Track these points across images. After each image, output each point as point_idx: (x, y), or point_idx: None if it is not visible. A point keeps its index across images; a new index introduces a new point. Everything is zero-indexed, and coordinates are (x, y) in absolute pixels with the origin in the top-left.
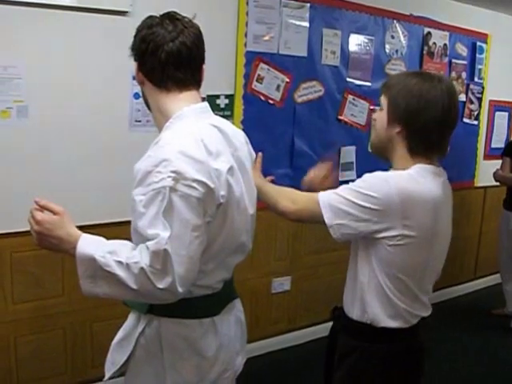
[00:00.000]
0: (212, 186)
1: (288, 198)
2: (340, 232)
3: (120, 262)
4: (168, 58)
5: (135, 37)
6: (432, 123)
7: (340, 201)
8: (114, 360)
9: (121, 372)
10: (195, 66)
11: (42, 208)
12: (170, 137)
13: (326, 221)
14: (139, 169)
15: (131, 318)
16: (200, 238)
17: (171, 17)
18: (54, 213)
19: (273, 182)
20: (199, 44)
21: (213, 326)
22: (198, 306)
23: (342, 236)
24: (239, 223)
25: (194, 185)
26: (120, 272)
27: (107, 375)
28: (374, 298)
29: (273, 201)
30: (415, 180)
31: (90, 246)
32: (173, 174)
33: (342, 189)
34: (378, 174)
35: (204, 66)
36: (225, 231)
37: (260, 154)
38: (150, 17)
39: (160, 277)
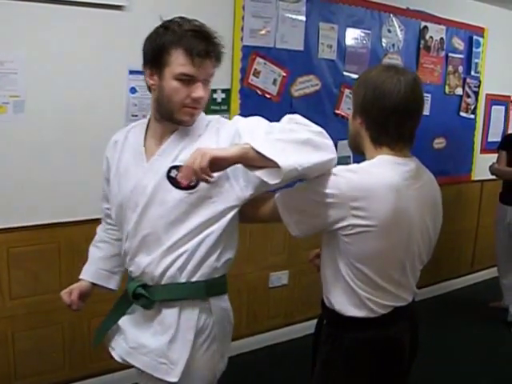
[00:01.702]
0: None
1: (249, 202)
2: (298, 228)
3: None
4: None
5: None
6: (386, 112)
7: (294, 198)
8: (171, 360)
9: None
10: None
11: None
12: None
13: (283, 219)
14: None
15: (170, 314)
16: None
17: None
18: None
19: None
20: None
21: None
22: (226, 282)
23: (300, 232)
24: None
25: None
26: None
27: (174, 376)
28: (338, 288)
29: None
30: (365, 170)
31: None
32: None
33: (296, 186)
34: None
35: None
36: None
37: None
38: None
39: None
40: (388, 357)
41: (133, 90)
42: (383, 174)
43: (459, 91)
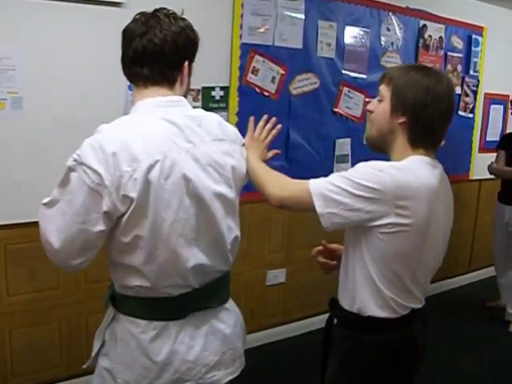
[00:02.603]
0: (107, 182)
1: (276, 183)
2: (331, 221)
3: None
4: (134, 54)
5: None
6: (437, 117)
7: (332, 189)
8: (93, 348)
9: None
10: (166, 64)
11: None
12: (104, 126)
13: (318, 209)
14: None
15: (108, 310)
16: (83, 225)
17: (152, 13)
18: None
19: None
20: (178, 42)
21: (166, 331)
22: (149, 308)
23: (331, 225)
24: (172, 225)
25: (88, 172)
26: None
27: (87, 363)
28: (363, 286)
29: (262, 184)
30: (410, 170)
31: None
32: (76, 156)
33: (334, 177)
34: (373, 163)
35: (186, 64)
36: (146, 229)
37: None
38: (138, 13)
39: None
40: (406, 358)
41: (131, 88)
42: (425, 174)
43: (458, 90)
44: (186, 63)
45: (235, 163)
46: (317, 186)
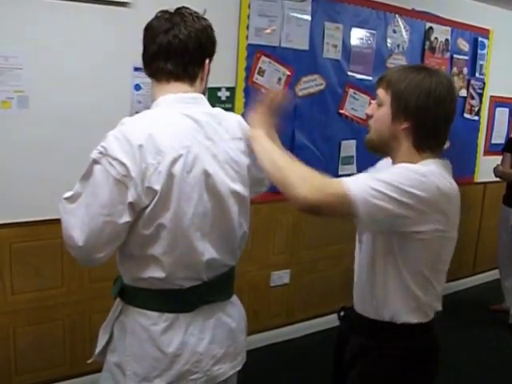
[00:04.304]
0: (134, 174)
1: (309, 182)
2: (372, 224)
3: None
4: (158, 49)
5: None
6: (442, 119)
7: (376, 195)
8: (98, 343)
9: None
10: (190, 60)
11: None
12: (128, 119)
13: (361, 215)
14: None
15: (115, 303)
16: (108, 217)
17: (175, 11)
18: None
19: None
20: (201, 39)
21: (177, 323)
22: (161, 300)
23: (367, 229)
24: (191, 218)
25: (114, 163)
26: None
27: (92, 358)
28: (395, 293)
29: (284, 180)
30: (443, 176)
31: None
32: (101, 149)
33: (375, 182)
34: (413, 167)
35: (207, 62)
36: (168, 221)
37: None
38: (160, 11)
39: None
40: (433, 363)
41: (137, 87)
42: (451, 179)
43: (463, 93)
44: (207, 61)
45: (251, 163)
46: (357, 191)
